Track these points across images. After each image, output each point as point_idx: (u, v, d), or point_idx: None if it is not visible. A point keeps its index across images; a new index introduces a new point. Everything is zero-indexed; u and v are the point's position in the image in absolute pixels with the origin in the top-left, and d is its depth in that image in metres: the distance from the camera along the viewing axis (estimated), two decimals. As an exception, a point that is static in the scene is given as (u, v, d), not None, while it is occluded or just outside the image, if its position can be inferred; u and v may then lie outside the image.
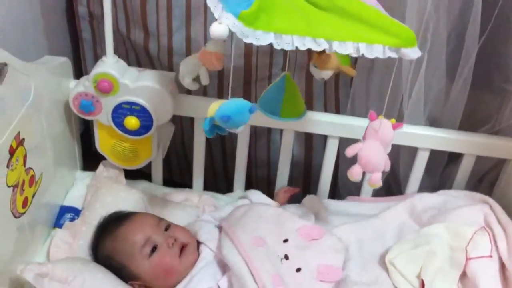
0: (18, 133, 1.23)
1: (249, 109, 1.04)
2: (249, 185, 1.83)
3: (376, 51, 0.96)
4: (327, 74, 1.24)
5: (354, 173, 1.10)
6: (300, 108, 1.32)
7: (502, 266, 1.28)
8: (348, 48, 0.95)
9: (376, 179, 1.11)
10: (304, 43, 0.94)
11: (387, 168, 1.11)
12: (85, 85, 1.39)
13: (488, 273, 1.26)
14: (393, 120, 1.09)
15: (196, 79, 1.29)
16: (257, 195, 1.51)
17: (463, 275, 1.28)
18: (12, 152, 1.20)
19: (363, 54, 0.95)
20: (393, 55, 0.96)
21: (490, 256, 1.28)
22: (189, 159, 1.80)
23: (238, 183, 1.62)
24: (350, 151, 1.10)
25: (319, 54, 1.21)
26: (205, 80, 1.28)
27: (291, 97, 1.28)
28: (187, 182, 1.70)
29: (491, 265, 1.27)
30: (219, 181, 1.96)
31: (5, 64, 1.16)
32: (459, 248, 1.30)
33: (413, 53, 0.97)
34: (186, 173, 1.92)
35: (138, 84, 1.38)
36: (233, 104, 1.04)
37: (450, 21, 1.38)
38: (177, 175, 2.01)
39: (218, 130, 1.11)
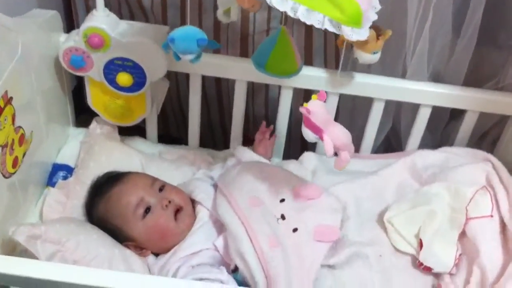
0: (6, 92, 1.18)
1: (198, 39, 1.10)
2: (246, 142, 1.80)
3: (314, 18, 0.89)
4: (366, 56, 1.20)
5: (346, 160, 1.06)
6: (289, 67, 1.25)
7: (503, 226, 1.26)
8: (286, 6, 0.88)
9: (347, 158, 1.08)
10: None
11: None
12: (75, 40, 1.33)
13: (488, 233, 1.25)
14: (314, 96, 1.06)
15: (228, 12, 1.25)
16: (245, 152, 1.47)
17: (463, 235, 1.26)
18: (0, 111, 1.17)
19: (298, 18, 0.88)
20: (331, 29, 0.90)
21: (491, 216, 1.27)
22: (185, 114, 1.77)
23: (235, 140, 1.59)
24: (329, 152, 1.06)
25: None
26: (234, 16, 1.23)
27: (281, 52, 1.21)
28: (184, 136, 1.67)
29: (491, 225, 1.26)
30: (216, 137, 1.93)
31: (-10, 21, 1.11)
32: (459, 209, 1.28)
33: (353, 33, 0.90)
34: (183, 127, 1.88)
35: (131, 39, 1.33)
36: (183, 29, 1.12)
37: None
38: (173, 130, 1.97)
39: (175, 56, 1.17)
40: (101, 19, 1.31)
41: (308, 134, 1.07)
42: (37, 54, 1.33)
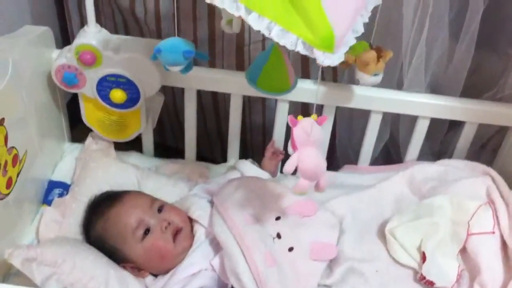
0: (-4, 114, 1.17)
1: (184, 51, 1.09)
2: (244, 152, 1.78)
3: (287, 39, 0.84)
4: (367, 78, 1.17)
5: (302, 188, 0.99)
6: (281, 85, 1.21)
7: (504, 243, 1.24)
8: (261, 25, 0.84)
9: (324, 184, 1.01)
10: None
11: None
12: (67, 56, 1.32)
13: (490, 250, 1.23)
14: (314, 116, 0.98)
15: (230, 23, 1.22)
16: (247, 166, 1.45)
17: (464, 250, 1.25)
18: (-10, 134, 1.15)
19: (272, 37, 0.84)
20: (304, 51, 0.84)
21: (493, 233, 1.25)
22: (182, 123, 1.75)
23: (232, 152, 1.58)
24: (288, 168, 0.98)
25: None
26: (236, 27, 1.20)
27: (273, 68, 1.18)
28: (181, 146, 1.65)
29: (493, 242, 1.24)
30: (214, 146, 1.91)
31: (-23, 43, 1.10)
32: (461, 222, 1.26)
33: (325, 58, 0.84)
34: (180, 137, 1.87)
35: (123, 56, 1.31)
36: (170, 41, 1.11)
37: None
38: (170, 140, 1.96)
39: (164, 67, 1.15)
40: (92, 36, 1.29)
41: (289, 147, 1.04)
42: (29, 71, 1.32)
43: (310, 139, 0.96)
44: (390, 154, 1.66)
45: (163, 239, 1.24)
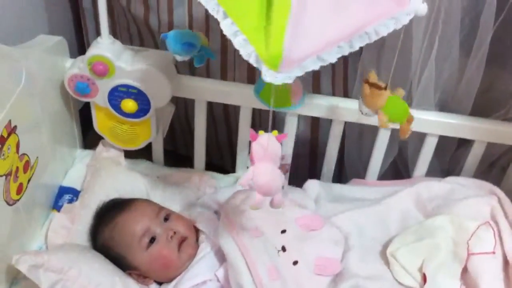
0: (9, 121, 1.19)
1: (184, 43, 1.18)
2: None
3: (245, 50, 0.85)
4: (368, 111, 1.14)
5: (257, 204, 0.99)
6: (282, 102, 1.22)
7: (506, 263, 1.24)
8: (230, 31, 0.85)
9: (278, 201, 1.01)
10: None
11: (283, 182, 1.02)
12: (80, 67, 1.34)
13: (490, 270, 1.22)
14: (275, 132, 0.98)
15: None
16: None
17: (465, 271, 1.24)
18: (2, 141, 1.18)
19: (234, 45, 0.85)
20: (255, 64, 0.85)
21: (493, 253, 1.24)
22: (193, 132, 1.77)
23: (241, 163, 1.59)
24: (243, 182, 0.97)
25: (371, 85, 1.11)
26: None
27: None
28: (191, 154, 1.67)
29: (493, 262, 1.23)
30: (224, 155, 1.92)
31: (-8, 53, 1.12)
32: (461, 242, 1.26)
33: (267, 75, 0.84)
34: (191, 145, 1.88)
35: (135, 67, 1.33)
36: (179, 31, 1.20)
37: (464, 5, 1.30)
38: (181, 147, 1.98)
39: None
40: (105, 47, 1.31)
41: (248, 161, 1.03)
42: (42, 80, 1.35)
43: (267, 155, 0.96)
44: (398, 170, 1.66)
45: (168, 248, 1.26)
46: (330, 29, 0.87)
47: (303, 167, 1.79)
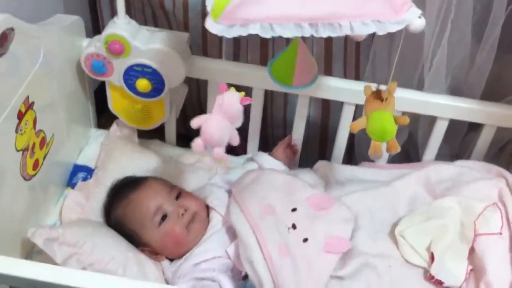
0: (27, 97, 1.22)
1: None
2: (265, 145, 1.81)
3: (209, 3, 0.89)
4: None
5: (196, 145, 1.05)
6: (285, 79, 1.23)
7: (513, 245, 1.26)
8: None
9: (218, 154, 1.06)
10: None
11: (235, 142, 1.07)
12: (96, 46, 1.36)
13: (497, 251, 1.24)
14: (243, 94, 1.04)
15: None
16: (264, 158, 1.49)
17: (472, 251, 1.26)
18: (20, 116, 1.20)
19: None
20: (207, 9, 0.89)
21: (500, 234, 1.25)
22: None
23: (252, 145, 1.60)
24: (194, 123, 1.05)
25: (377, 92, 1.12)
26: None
27: (285, 61, 1.20)
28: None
29: (500, 243, 1.25)
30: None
31: (12, 29, 1.14)
32: (468, 223, 1.27)
33: (208, 22, 0.88)
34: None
35: (150, 47, 1.35)
36: None
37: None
38: (194, 130, 1.99)
39: None
40: (122, 27, 1.33)
41: None
42: (60, 59, 1.37)
43: (222, 109, 1.02)
44: (408, 154, 1.67)
45: (179, 225, 1.28)
46: (292, 4, 0.88)
47: (313, 150, 1.81)
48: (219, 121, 1.03)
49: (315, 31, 0.89)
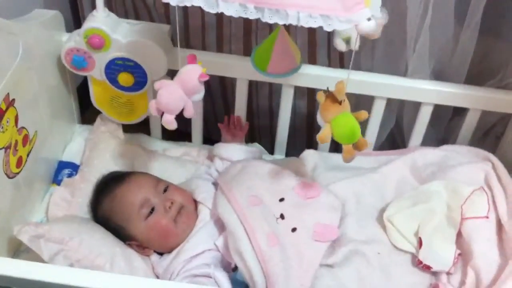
0: (7, 94, 1.20)
1: None
2: (252, 135, 1.81)
3: None
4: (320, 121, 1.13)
5: (150, 106, 1.11)
6: (262, 65, 1.24)
7: (500, 228, 1.26)
8: None
9: (166, 120, 1.11)
10: None
11: (188, 114, 1.12)
12: (76, 40, 1.35)
13: (484, 234, 1.24)
14: (204, 70, 1.08)
15: (347, 40, 1.26)
16: (220, 147, 1.49)
17: (459, 235, 1.26)
18: (1, 114, 1.19)
19: None
20: None
21: (487, 217, 1.26)
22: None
23: (238, 136, 1.60)
24: (155, 85, 1.11)
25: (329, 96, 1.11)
26: (353, 45, 1.23)
27: (264, 48, 1.20)
28: (190, 130, 1.68)
29: (487, 226, 1.25)
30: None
31: (-12, 26, 1.13)
32: (456, 207, 1.28)
33: None
34: (189, 121, 1.89)
35: (131, 40, 1.33)
36: None
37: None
38: (179, 123, 1.98)
39: None
40: (101, 20, 1.32)
41: None
42: (39, 54, 1.35)
43: (179, 78, 1.08)
44: (395, 141, 1.67)
45: (166, 217, 1.27)
46: None
47: (300, 139, 1.80)
48: (174, 90, 1.08)
49: (261, 15, 0.88)
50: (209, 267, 1.22)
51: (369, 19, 0.89)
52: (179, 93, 1.08)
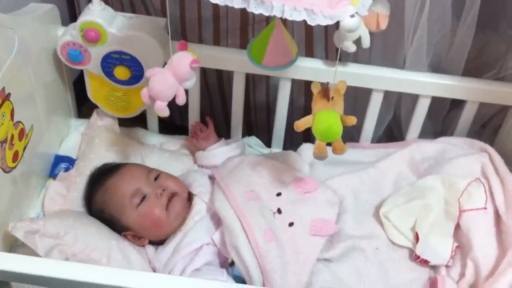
0: (3, 88, 1.20)
1: None
2: (249, 130, 1.80)
3: None
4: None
5: (142, 94, 1.12)
6: (257, 57, 1.21)
7: (498, 219, 1.26)
8: None
9: (159, 107, 1.11)
10: None
11: (180, 101, 1.12)
12: (72, 34, 1.34)
13: (482, 226, 1.24)
14: (195, 56, 1.09)
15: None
16: (205, 157, 1.46)
17: (457, 228, 1.26)
18: (-3, 108, 1.18)
19: None
20: None
21: (485, 208, 1.26)
22: (187, 102, 1.77)
23: (235, 129, 1.59)
24: (147, 73, 1.12)
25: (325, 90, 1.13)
26: (366, 43, 1.26)
27: (260, 41, 1.19)
28: (186, 124, 1.67)
29: (485, 218, 1.25)
30: (219, 124, 1.93)
31: (-17, 20, 1.12)
32: (453, 200, 1.28)
33: None
34: (185, 115, 1.89)
35: (127, 33, 1.33)
36: None
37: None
38: (176, 117, 1.98)
39: None
40: (96, 13, 1.31)
41: None
42: (35, 48, 1.35)
43: (171, 66, 1.09)
44: (393, 133, 1.67)
45: (158, 204, 1.27)
46: None
47: (297, 133, 1.79)
48: (166, 77, 1.09)
49: (247, 5, 0.88)
50: (216, 268, 1.22)
51: (352, 16, 0.89)
52: (170, 80, 1.09)
